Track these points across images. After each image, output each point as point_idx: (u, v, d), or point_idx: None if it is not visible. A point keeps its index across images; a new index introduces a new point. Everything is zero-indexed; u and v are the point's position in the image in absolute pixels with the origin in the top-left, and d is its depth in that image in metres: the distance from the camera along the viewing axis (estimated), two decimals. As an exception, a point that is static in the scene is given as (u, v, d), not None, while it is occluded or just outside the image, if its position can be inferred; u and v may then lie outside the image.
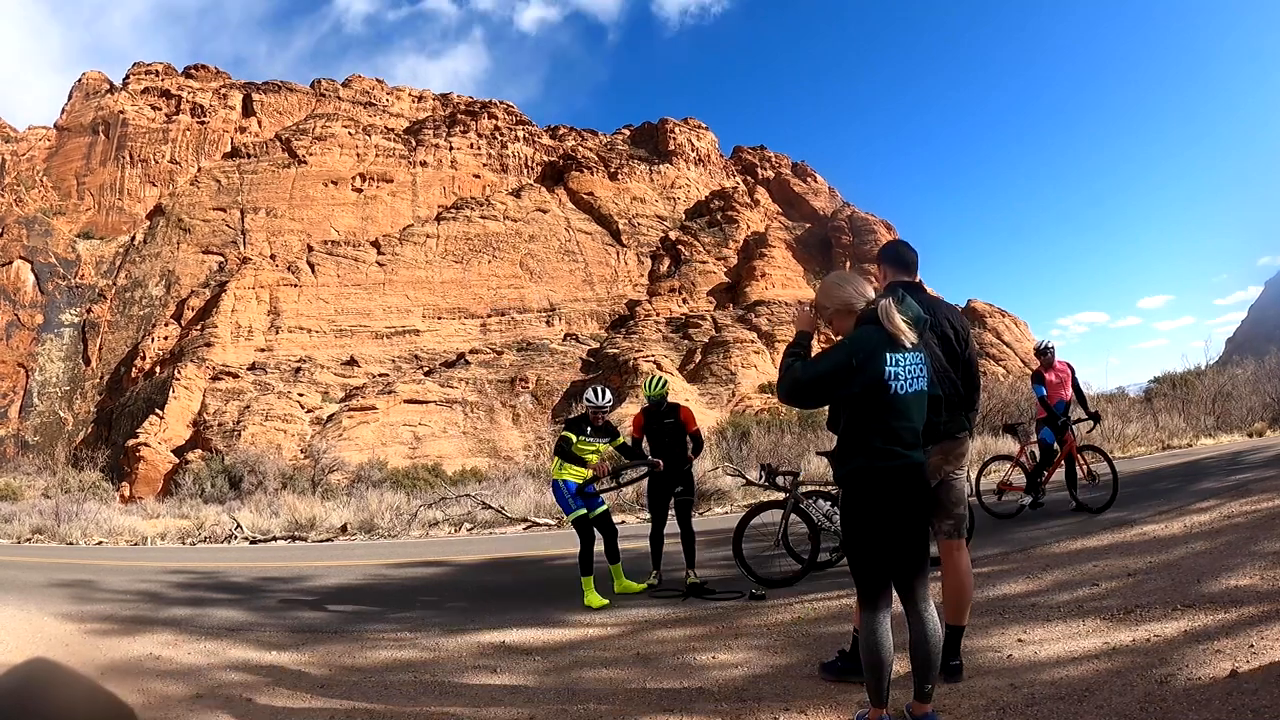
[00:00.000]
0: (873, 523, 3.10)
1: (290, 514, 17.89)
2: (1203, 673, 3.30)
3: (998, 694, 3.43)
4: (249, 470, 33.91)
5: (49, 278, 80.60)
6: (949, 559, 3.99)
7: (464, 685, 4.47)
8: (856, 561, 3.18)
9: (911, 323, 3.19)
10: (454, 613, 6.68)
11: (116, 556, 13.70)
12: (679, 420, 7.36)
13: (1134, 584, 5.06)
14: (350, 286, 78.86)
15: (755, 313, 77.44)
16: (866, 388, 3.09)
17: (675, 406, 7.46)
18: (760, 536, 6.94)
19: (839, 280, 3.39)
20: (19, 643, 5.77)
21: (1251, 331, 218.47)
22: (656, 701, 3.88)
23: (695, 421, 7.51)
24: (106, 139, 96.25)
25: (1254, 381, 23.81)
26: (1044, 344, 9.65)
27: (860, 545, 3.15)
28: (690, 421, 7.40)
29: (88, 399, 74.61)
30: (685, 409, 7.50)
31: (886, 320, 3.11)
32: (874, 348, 3.10)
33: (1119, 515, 8.02)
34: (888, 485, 3.11)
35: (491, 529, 15.60)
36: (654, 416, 7.41)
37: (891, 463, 3.10)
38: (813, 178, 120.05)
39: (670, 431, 7.32)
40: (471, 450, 59.02)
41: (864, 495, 3.13)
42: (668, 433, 7.33)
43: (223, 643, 5.83)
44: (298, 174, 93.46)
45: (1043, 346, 9.62)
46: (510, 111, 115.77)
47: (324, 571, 10.04)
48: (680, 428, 7.34)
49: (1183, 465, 13.43)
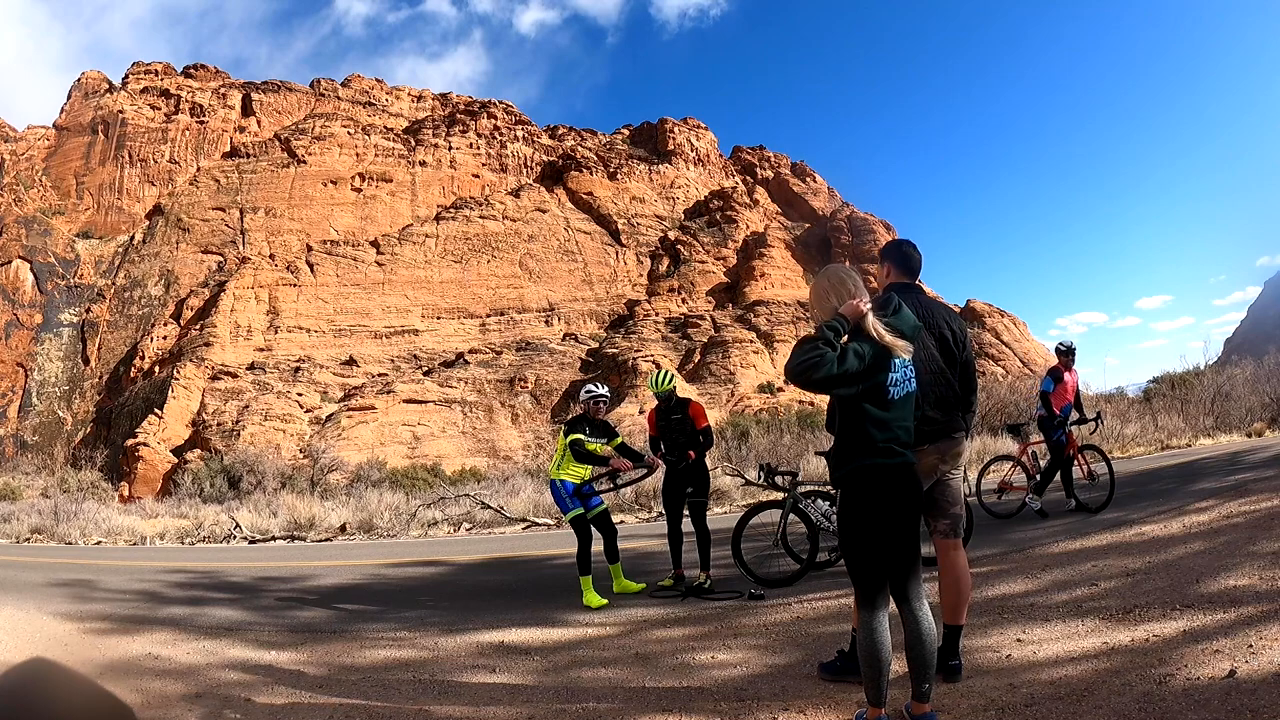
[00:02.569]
0: (872, 521, 3.14)
1: (289, 514, 17.88)
2: (1201, 672, 3.30)
3: (997, 694, 3.43)
4: (248, 470, 33.88)
5: (48, 277, 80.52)
6: (946, 558, 3.99)
7: (463, 685, 4.47)
8: (855, 560, 3.21)
9: (903, 334, 3.30)
10: (453, 612, 6.67)
11: (115, 556, 13.69)
12: (687, 416, 7.17)
13: (1133, 584, 5.06)
14: (349, 286, 78.81)
15: (754, 313, 77.44)
16: (867, 389, 3.19)
17: (684, 402, 7.28)
18: (759, 536, 6.92)
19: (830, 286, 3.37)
20: (18, 642, 5.77)
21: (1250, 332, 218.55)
22: (655, 701, 3.88)
23: (705, 417, 7.29)
24: (106, 139, 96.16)
25: (1253, 382, 23.83)
26: (1068, 344, 9.32)
27: (859, 544, 3.17)
28: (699, 417, 7.19)
29: (87, 399, 74.54)
30: (695, 405, 7.29)
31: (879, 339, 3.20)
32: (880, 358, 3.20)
33: (1118, 515, 8.02)
34: (887, 483, 3.17)
35: (490, 529, 15.60)
36: (663, 413, 7.25)
37: (891, 460, 3.18)
38: (812, 178, 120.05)
39: (678, 428, 7.15)
40: (470, 450, 59.00)
41: (864, 493, 3.17)
42: (675, 429, 7.15)
43: (221, 642, 5.83)
44: (297, 174, 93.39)
45: (1067, 346, 9.29)
46: (509, 111, 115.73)
47: (323, 571, 10.03)
48: (688, 424, 7.15)
49: (1181, 465, 13.44)
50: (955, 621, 3.88)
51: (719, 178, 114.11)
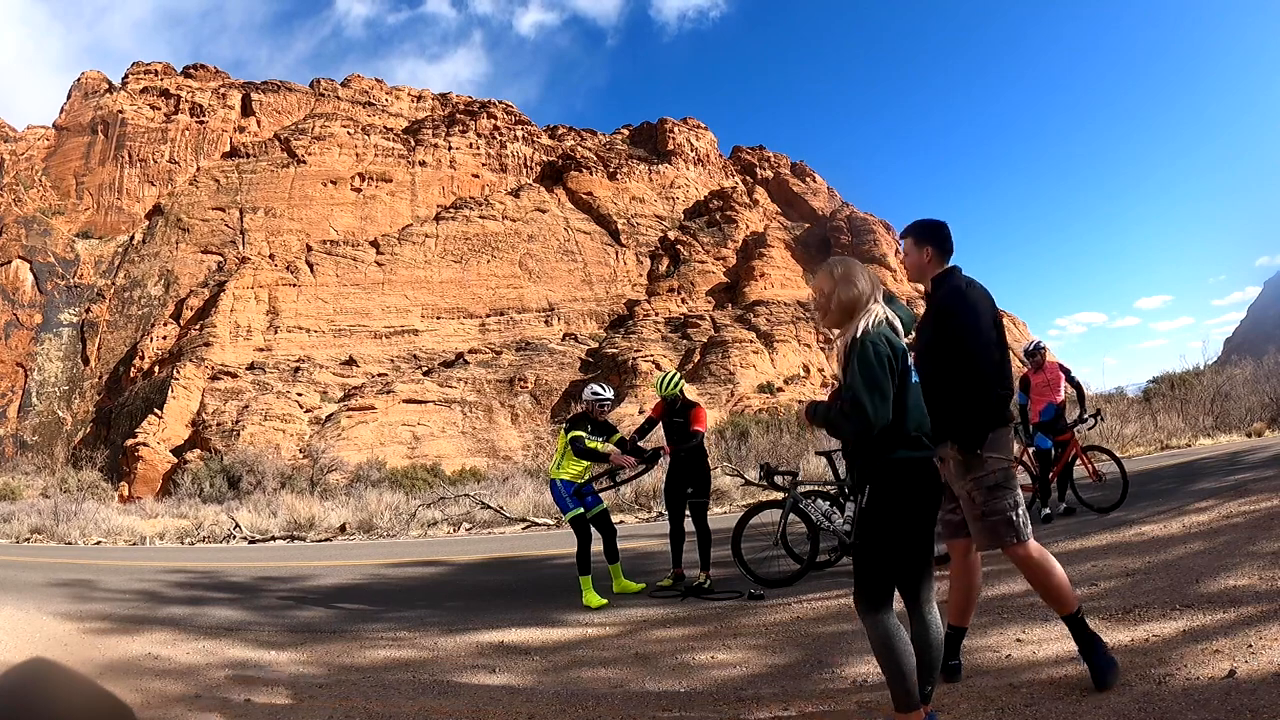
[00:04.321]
0: (909, 515, 2.96)
1: (289, 514, 17.87)
2: (1201, 672, 3.30)
3: (997, 693, 3.43)
4: (248, 470, 33.88)
5: (48, 277, 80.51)
6: (965, 560, 3.82)
7: (462, 684, 4.47)
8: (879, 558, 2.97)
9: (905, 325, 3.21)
10: (452, 612, 6.67)
11: (115, 556, 13.68)
12: (686, 419, 7.24)
13: (1132, 584, 5.06)
14: (349, 286, 78.81)
15: (754, 313, 77.44)
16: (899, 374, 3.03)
17: (688, 407, 7.33)
18: (759, 536, 6.92)
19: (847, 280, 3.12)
20: (17, 642, 5.77)
21: (1250, 331, 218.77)
22: (655, 701, 3.88)
23: (703, 423, 7.32)
24: (105, 139, 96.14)
25: (1252, 381, 23.81)
26: (1032, 344, 8.86)
27: (890, 539, 2.96)
28: (694, 421, 7.23)
29: (86, 399, 74.53)
30: (696, 411, 7.34)
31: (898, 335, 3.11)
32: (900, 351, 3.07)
33: (1117, 515, 8.03)
34: (923, 476, 3.01)
35: (490, 529, 15.60)
36: (669, 411, 7.33)
37: (925, 453, 3.05)
38: (812, 177, 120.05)
39: (678, 430, 7.23)
40: (470, 450, 59.01)
41: (903, 486, 2.97)
42: (675, 431, 7.24)
43: (221, 642, 5.82)
44: (297, 174, 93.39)
45: (1031, 347, 8.86)
46: (509, 111, 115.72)
47: (322, 571, 10.03)
48: (687, 426, 7.22)
49: (1181, 465, 13.43)
50: (962, 623, 3.79)
51: (719, 178, 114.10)
